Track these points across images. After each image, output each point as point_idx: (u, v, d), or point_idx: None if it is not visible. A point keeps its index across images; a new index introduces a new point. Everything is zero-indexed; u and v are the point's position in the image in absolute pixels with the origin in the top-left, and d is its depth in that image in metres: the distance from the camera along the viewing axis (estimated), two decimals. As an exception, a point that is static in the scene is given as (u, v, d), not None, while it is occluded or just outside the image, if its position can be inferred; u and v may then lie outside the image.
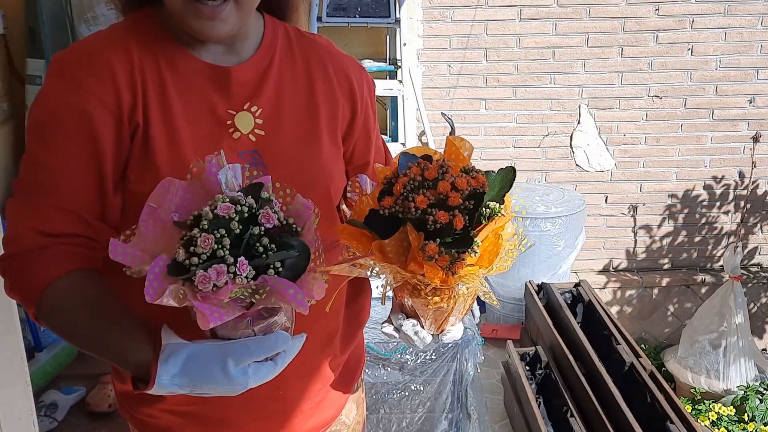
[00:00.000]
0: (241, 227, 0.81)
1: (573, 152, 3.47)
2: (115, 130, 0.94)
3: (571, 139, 3.46)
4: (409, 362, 2.30)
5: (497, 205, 0.91)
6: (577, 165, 3.50)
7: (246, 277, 0.80)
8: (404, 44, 3.07)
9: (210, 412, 1.07)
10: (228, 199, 0.84)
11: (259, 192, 0.86)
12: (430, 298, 0.94)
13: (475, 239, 0.88)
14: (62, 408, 2.62)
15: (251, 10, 0.98)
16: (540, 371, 2.57)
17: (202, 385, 0.84)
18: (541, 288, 3.05)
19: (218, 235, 0.80)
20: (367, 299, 1.27)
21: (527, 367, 2.59)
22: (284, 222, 0.86)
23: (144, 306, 0.88)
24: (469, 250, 0.88)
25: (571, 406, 2.29)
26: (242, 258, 0.80)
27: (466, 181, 0.89)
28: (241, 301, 0.83)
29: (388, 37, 3.25)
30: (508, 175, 0.94)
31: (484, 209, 0.90)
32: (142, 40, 0.99)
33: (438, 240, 0.87)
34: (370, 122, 1.18)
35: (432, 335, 1.03)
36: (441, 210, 0.87)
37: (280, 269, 0.83)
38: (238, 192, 0.86)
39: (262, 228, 0.83)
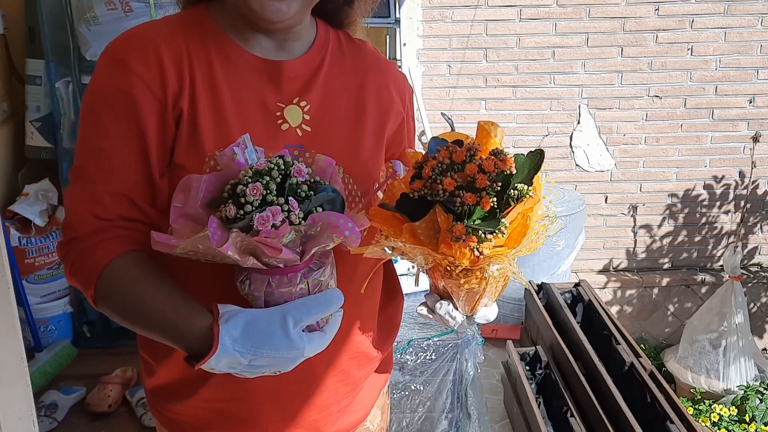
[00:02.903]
0: (280, 177, 0.86)
1: (573, 152, 3.47)
2: (158, 114, 0.96)
3: (571, 139, 3.46)
4: (409, 362, 2.30)
5: (525, 186, 0.92)
6: (577, 165, 3.50)
7: (298, 216, 0.84)
8: (404, 44, 3.07)
9: (239, 410, 1.07)
10: (257, 164, 0.88)
11: (283, 158, 0.90)
12: (461, 279, 0.96)
13: (503, 220, 0.90)
14: (62, 408, 2.62)
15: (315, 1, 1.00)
16: (540, 371, 2.57)
17: (262, 350, 0.85)
18: (541, 288, 3.05)
19: (264, 181, 0.84)
20: (400, 305, 1.28)
21: (527, 367, 2.59)
22: (311, 180, 0.89)
23: (192, 290, 0.92)
24: (497, 230, 0.90)
25: (571, 406, 2.29)
26: (291, 198, 0.84)
27: (493, 163, 0.91)
28: (293, 249, 0.86)
29: (388, 37, 3.25)
30: (537, 157, 0.95)
31: (512, 191, 0.92)
32: (194, 31, 1.01)
33: (465, 221, 0.89)
34: (411, 128, 1.21)
35: (465, 316, 1.05)
36: (468, 192, 0.89)
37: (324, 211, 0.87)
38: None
39: (298, 180, 0.87)
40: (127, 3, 2.70)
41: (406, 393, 2.33)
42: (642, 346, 3.42)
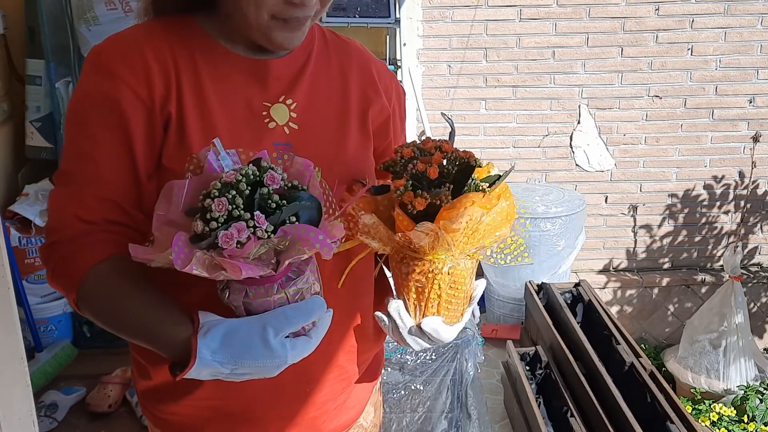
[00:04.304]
0: (249, 189, 0.84)
1: (573, 152, 3.47)
2: (145, 119, 0.96)
3: (571, 139, 3.46)
4: (409, 362, 2.30)
5: (482, 184, 0.96)
6: (577, 165, 3.50)
7: (266, 231, 0.82)
8: (404, 44, 3.07)
9: (235, 407, 1.07)
10: (226, 175, 0.87)
11: (259, 162, 0.89)
12: (412, 264, 0.98)
13: (443, 189, 0.94)
14: (62, 408, 2.62)
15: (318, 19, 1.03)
16: (540, 371, 2.57)
17: (243, 360, 0.84)
18: (541, 288, 3.05)
19: (230, 196, 0.83)
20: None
21: (527, 367, 2.60)
22: (288, 185, 0.88)
23: (174, 297, 0.91)
24: (436, 197, 0.93)
25: (571, 406, 2.29)
26: (258, 212, 0.83)
27: (453, 149, 0.96)
28: (267, 261, 0.84)
29: (388, 37, 3.25)
30: (507, 170, 1.00)
31: (470, 182, 0.95)
32: (177, 33, 1.00)
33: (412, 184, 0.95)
34: (398, 127, 1.20)
35: (415, 325, 1.02)
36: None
37: (296, 222, 0.85)
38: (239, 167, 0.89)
39: (270, 188, 0.85)
40: (127, 3, 2.70)
41: (406, 393, 2.33)
42: (642, 346, 3.42)
